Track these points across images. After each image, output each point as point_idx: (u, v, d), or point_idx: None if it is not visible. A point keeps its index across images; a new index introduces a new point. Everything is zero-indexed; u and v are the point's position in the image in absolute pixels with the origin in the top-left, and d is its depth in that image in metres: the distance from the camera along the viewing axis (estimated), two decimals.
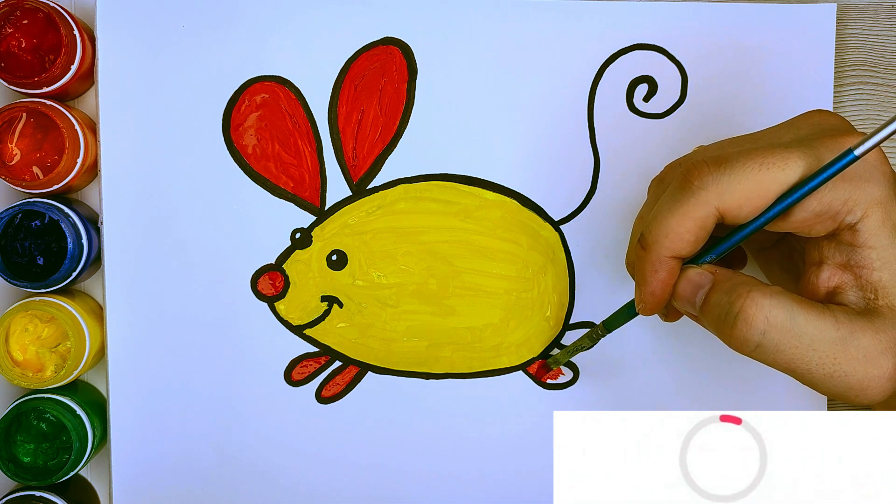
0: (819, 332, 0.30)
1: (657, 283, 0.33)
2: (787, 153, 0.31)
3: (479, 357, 0.43)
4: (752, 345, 0.31)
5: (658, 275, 0.33)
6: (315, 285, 0.42)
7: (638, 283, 0.34)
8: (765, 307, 0.30)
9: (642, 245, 0.33)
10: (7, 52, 0.38)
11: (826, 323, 0.30)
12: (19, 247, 0.38)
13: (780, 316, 0.30)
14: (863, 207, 0.31)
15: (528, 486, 0.43)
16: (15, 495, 0.39)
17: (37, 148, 0.38)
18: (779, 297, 0.30)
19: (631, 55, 0.42)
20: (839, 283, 0.32)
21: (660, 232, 0.32)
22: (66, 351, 0.39)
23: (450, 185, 0.42)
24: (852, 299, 0.31)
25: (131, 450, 0.41)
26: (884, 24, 0.45)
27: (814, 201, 0.31)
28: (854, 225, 0.31)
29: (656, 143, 0.43)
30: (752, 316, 0.30)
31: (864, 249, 0.31)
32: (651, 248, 0.32)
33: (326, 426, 0.42)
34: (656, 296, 0.33)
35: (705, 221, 0.31)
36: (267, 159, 0.41)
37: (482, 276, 0.42)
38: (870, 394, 0.31)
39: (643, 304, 0.34)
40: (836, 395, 0.31)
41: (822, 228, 0.31)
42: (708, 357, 0.44)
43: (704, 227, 0.31)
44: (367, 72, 0.41)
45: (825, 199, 0.30)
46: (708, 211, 0.31)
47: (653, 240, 0.32)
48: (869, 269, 0.31)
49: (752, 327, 0.30)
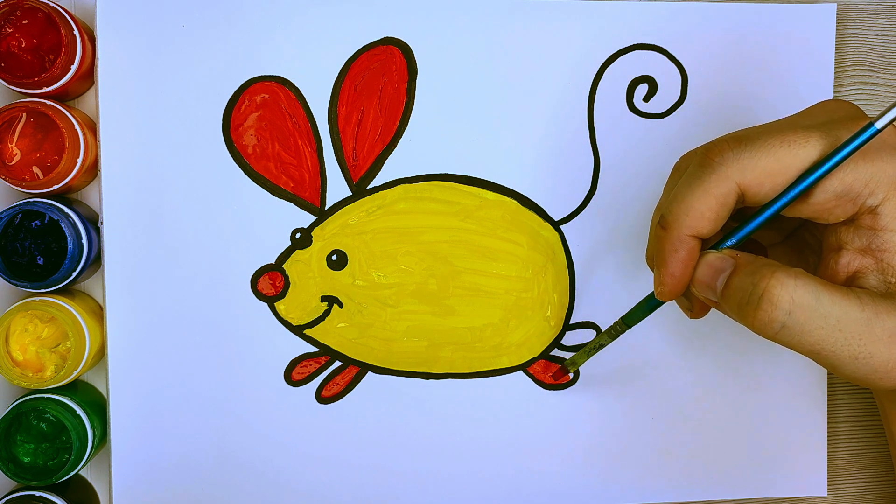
0: (844, 312, 0.30)
1: (677, 264, 0.32)
2: (808, 132, 0.30)
3: (479, 357, 0.43)
4: (778, 325, 0.30)
5: (678, 255, 0.32)
6: (315, 285, 0.42)
7: (657, 266, 0.33)
8: (790, 287, 0.30)
9: (662, 225, 0.32)
10: (7, 52, 0.38)
11: (851, 304, 0.30)
12: (19, 247, 0.38)
13: (806, 296, 0.30)
14: (884, 190, 0.30)
15: (529, 485, 0.43)
16: (15, 495, 0.39)
17: (37, 148, 0.38)
18: (803, 278, 0.30)
19: (631, 55, 0.42)
20: (859, 267, 0.31)
21: (680, 210, 0.32)
22: (66, 351, 0.39)
23: (450, 185, 0.42)
24: (873, 283, 0.31)
25: (131, 450, 0.41)
26: (884, 24, 0.45)
27: (835, 181, 0.30)
28: (875, 208, 0.31)
29: (656, 143, 0.43)
30: (778, 296, 0.30)
31: (886, 233, 0.31)
32: (671, 227, 0.32)
33: (326, 426, 0.42)
34: (676, 277, 0.32)
35: (727, 198, 0.31)
36: (267, 159, 0.41)
37: (482, 276, 0.42)
38: (894, 376, 0.30)
39: (662, 288, 0.33)
40: (859, 378, 0.31)
41: (841, 213, 0.31)
42: (708, 357, 0.44)
43: (726, 205, 0.31)
44: (367, 72, 0.41)
45: (846, 179, 0.30)
46: (729, 187, 0.31)
47: (673, 219, 0.32)
48: (891, 253, 0.31)
49: (778, 308, 0.30)
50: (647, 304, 0.36)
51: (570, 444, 0.43)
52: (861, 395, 0.46)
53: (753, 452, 0.44)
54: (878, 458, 0.46)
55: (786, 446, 0.44)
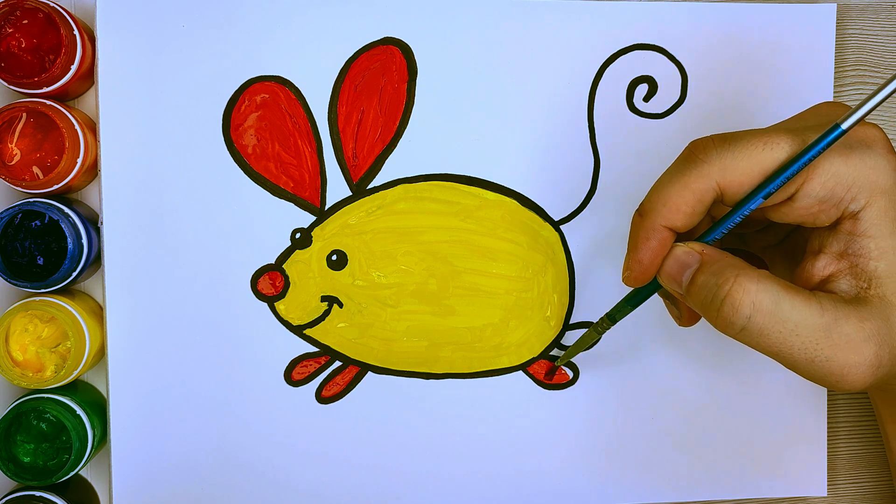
0: (803, 317, 0.30)
1: (646, 251, 0.33)
2: (782, 134, 0.31)
3: (479, 357, 0.43)
4: (738, 328, 0.31)
5: (649, 243, 0.33)
6: (315, 285, 0.42)
7: (628, 250, 0.34)
8: (751, 292, 0.31)
9: (639, 212, 0.33)
10: (7, 52, 0.38)
11: (811, 309, 0.31)
12: (19, 247, 0.38)
13: (766, 301, 0.30)
14: (866, 196, 0.31)
15: (529, 486, 0.43)
16: (15, 495, 0.39)
17: (37, 148, 0.38)
18: (766, 283, 0.31)
19: (631, 55, 0.42)
20: (834, 271, 0.32)
21: (658, 200, 0.32)
22: (66, 351, 0.39)
23: (450, 185, 0.42)
24: (844, 287, 0.32)
25: (131, 450, 0.41)
26: (884, 24, 0.45)
27: (817, 186, 0.31)
28: (856, 213, 0.31)
29: (656, 143, 0.43)
30: (739, 301, 0.31)
31: (864, 238, 0.31)
32: (647, 216, 0.33)
33: (326, 426, 0.42)
34: (643, 265, 0.33)
35: (704, 195, 0.32)
36: (267, 159, 0.41)
37: (482, 276, 0.42)
38: (849, 380, 0.31)
39: (629, 272, 0.34)
40: (817, 379, 0.31)
41: (825, 217, 0.32)
42: (707, 357, 0.44)
43: (702, 201, 0.32)
44: (367, 72, 0.41)
45: (828, 183, 0.31)
46: (708, 184, 0.31)
47: (650, 207, 0.33)
48: (866, 259, 0.31)
49: (738, 312, 0.31)
50: (630, 299, 0.36)
51: (569, 444, 0.43)
52: (861, 395, 0.46)
53: (753, 452, 0.44)
54: (878, 458, 0.46)
55: (786, 446, 0.44)
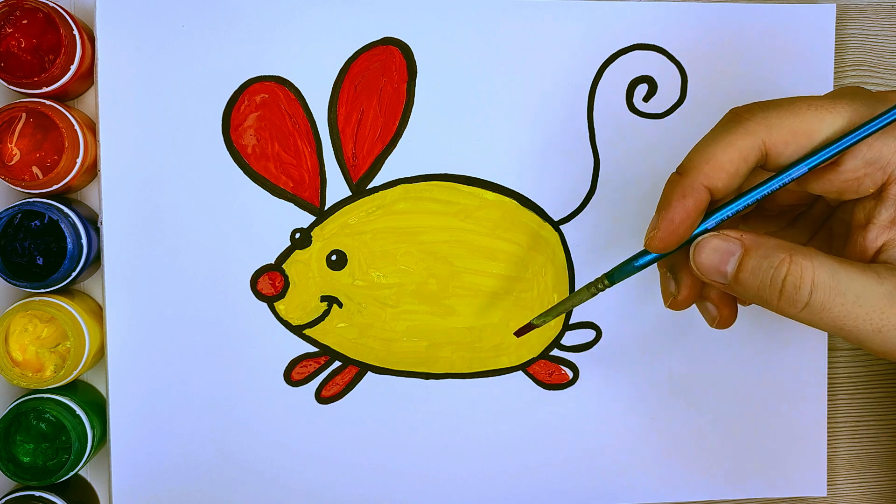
0: (863, 287, 0.30)
1: (680, 210, 0.31)
2: (834, 101, 0.31)
3: (478, 357, 0.43)
4: (801, 306, 0.30)
5: (685, 201, 0.31)
6: (315, 285, 0.42)
7: (659, 208, 0.32)
8: (808, 268, 0.30)
9: (679, 171, 0.32)
10: (7, 52, 0.38)
11: (869, 278, 0.30)
12: (19, 247, 0.38)
13: (824, 276, 0.30)
14: None
15: (529, 485, 0.43)
16: (15, 495, 0.39)
17: (36, 148, 0.38)
18: (820, 258, 0.30)
19: (631, 55, 0.42)
20: (887, 239, 0.31)
21: (701, 158, 0.31)
22: (66, 351, 0.39)
23: (450, 185, 0.42)
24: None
25: (131, 450, 0.41)
26: (884, 24, 0.45)
27: (864, 148, 0.30)
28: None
29: (656, 143, 0.43)
30: (800, 278, 0.30)
31: None
32: (688, 173, 0.32)
33: (326, 426, 0.42)
34: (674, 224, 0.32)
35: (749, 153, 0.31)
36: (267, 159, 0.41)
37: (482, 276, 0.42)
38: None
39: (656, 232, 0.32)
40: (885, 351, 0.31)
41: (871, 182, 0.31)
42: (706, 358, 0.44)
43: (746, 160, 0.31)
44: (367, 72, 0.41)
45: (875, 144, 0.30)
46: (754, 142, 0.31)
47: (692, 165, 0.32)
48: None
49: (801, 289, 0.30)
50: (636, 260, 0.34)
51: (570, 444, 0.43)
52: (861, 396, 0.46)
53: (753, 452, 0.44)
54: (878, 458, 0.46)
55: (786, 446, 0.44)
